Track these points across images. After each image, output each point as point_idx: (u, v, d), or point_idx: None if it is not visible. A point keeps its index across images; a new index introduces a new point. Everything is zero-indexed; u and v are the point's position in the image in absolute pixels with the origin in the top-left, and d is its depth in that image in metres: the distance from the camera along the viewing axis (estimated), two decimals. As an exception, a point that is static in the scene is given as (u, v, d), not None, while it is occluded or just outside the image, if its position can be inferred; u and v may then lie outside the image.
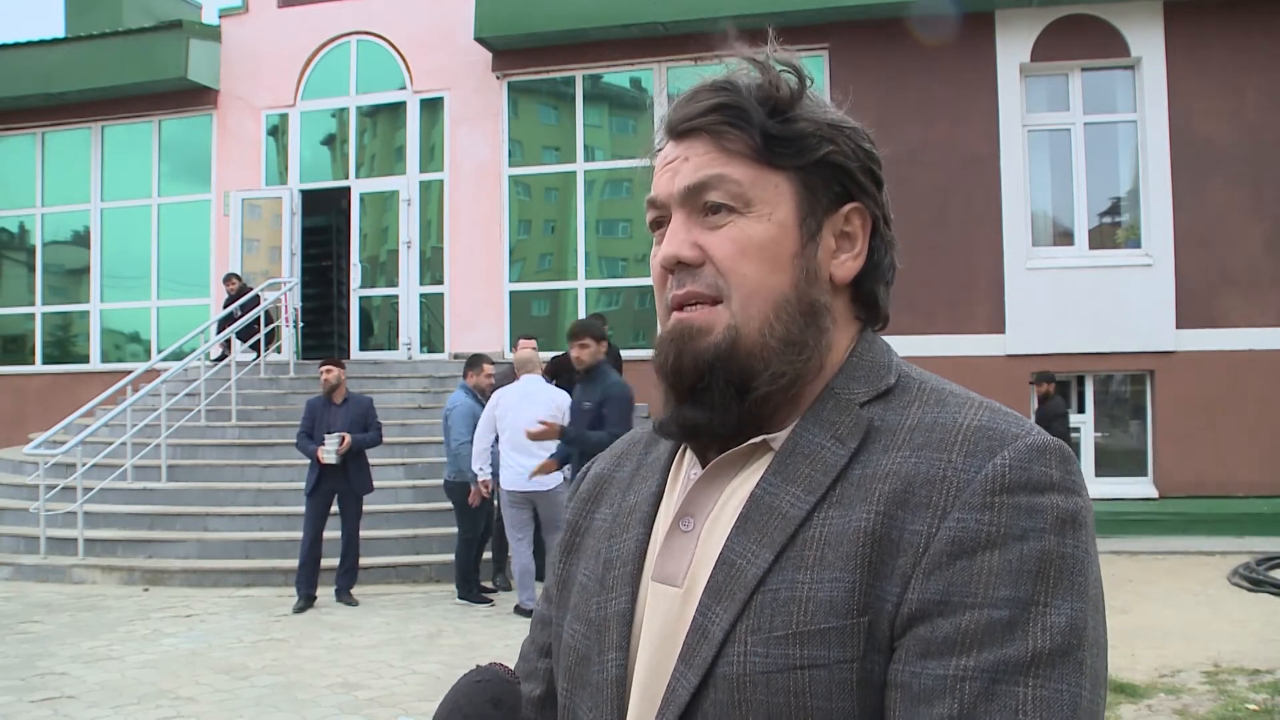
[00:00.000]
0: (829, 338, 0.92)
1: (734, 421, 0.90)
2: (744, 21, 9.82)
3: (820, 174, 0.92)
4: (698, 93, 0.94)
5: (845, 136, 0.93)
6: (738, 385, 0.89)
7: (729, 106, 0.91)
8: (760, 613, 0.83)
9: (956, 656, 0.76)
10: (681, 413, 0.92)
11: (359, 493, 7.67)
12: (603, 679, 0.92)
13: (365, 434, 7.64)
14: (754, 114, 0.91)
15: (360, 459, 7.63)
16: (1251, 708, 4.85)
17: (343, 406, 7.71)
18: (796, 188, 0.92)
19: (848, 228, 0.94)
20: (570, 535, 1.06)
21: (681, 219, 0.92)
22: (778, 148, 0.91)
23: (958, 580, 0.78)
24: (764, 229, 0.90)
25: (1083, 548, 0.79)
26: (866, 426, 0.87)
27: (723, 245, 0.90)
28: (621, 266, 12.04)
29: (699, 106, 0.92)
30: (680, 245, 0.91)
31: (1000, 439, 0.82)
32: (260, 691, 5.50)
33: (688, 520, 0.92)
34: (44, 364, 13.66)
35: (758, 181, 0.91)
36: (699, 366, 0.90)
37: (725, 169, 0.91)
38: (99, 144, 13.52)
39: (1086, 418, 10.59)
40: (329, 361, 7.92)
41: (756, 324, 0.90)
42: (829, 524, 0.83)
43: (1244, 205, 10.18)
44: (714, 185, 0.91)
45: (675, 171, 0.93)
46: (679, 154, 0.93)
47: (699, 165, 0.92)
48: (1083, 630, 0.77)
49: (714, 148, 0.91)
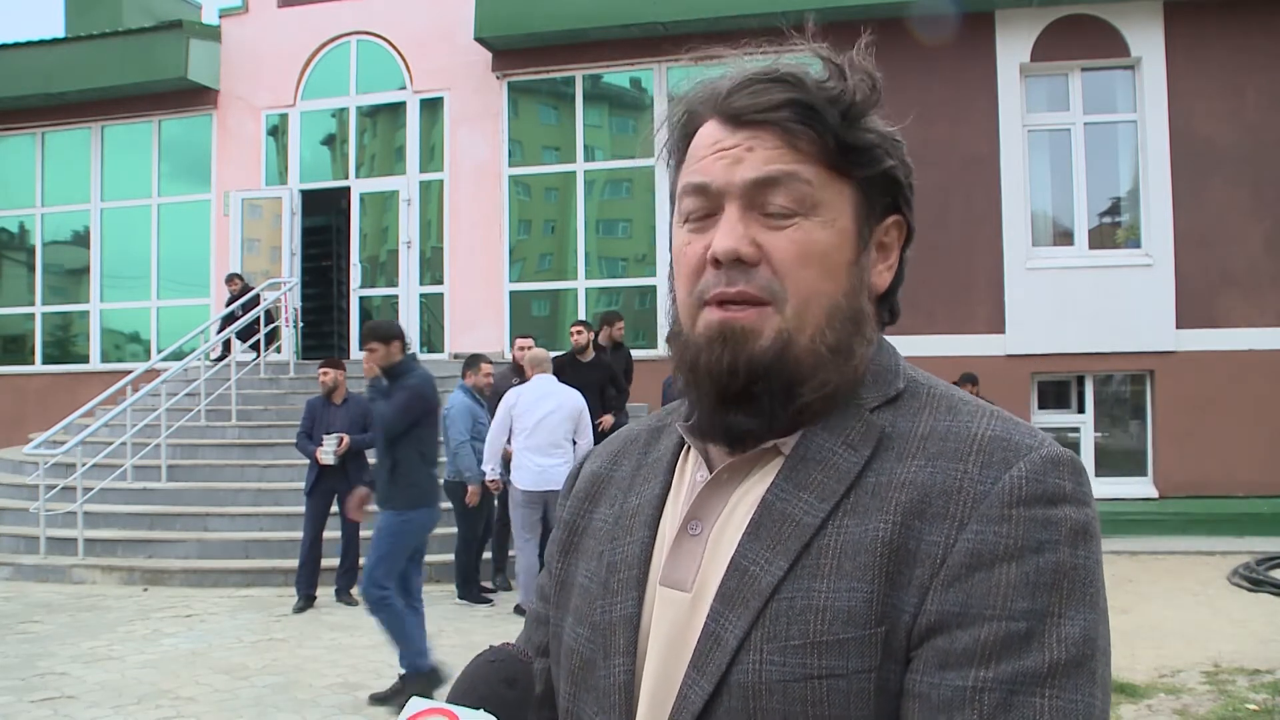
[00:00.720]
0: (872, 347, 0.92)
1: (780, 428, 0.89)
2: (744, 21, 9.87)
3: (879, 185, 0.92)
4: (759, 80, 0.89)
5: (899, 149, 0.93)
6: (786, 392, 0.87)
7: (803, 104, 0.88)
8: (776, 621, 0.82)
9: (975, 668, 0.77)
10: (727, 418, 0.89)
11: None
12: (610, 684, 0.91)
13: (364, 434, 7.61)
14: (828, 116, 0.88)
15: (360, 459, 7.61)
16: (1251, 708, 4.85)
17: (342, 407, 7.72)
18: (858, 196, 0.91)
19: (886, 238, 0.94)
20: (567, 535, 1.04)
21: (739, 213, 0.88)
22: (850, 155, 0.89)
23: (976, 592, 0.78)
24: (827, 235, 0.88)
25: (1093, 559, 0.80)
26: (879, 434, 0.87)
27: (785, 247, 0.87)
28: (621, 266, 12.03)
29: (772, 99, 0.88)
30: (740, 240, 0.87)
31: (1015, 450, 0.83)
32: (260, 691, 5.50)
33: (696, 524, 0.91)
34: (44, 364, 13.66)
35: (826, 186, 0.89)
36: (753, 371, 0.87)
37: (798, 167, 0.88)
38: (99, 144, 13.52)
39: (1086, 418, 10.59)
40: (328, 363, 7.95)
41: (810, 331, 0.88)
42: (845, 533, 0.83)
43: (1244, 205, 10.17)
44: (784, 183, 0.87)
45: (737, 160, 0.88)
46: (740, 141, 0.89)
47: (769, 159, 0.88)
48: (1095, 640, 0.79)
49: (785, 143, 0.88)
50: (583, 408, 7.05)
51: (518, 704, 0.88)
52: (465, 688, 0.88)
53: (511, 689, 0.88)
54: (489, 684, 0.88)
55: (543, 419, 6.87)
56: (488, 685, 0.88)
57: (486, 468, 7.30)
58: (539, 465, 6.83)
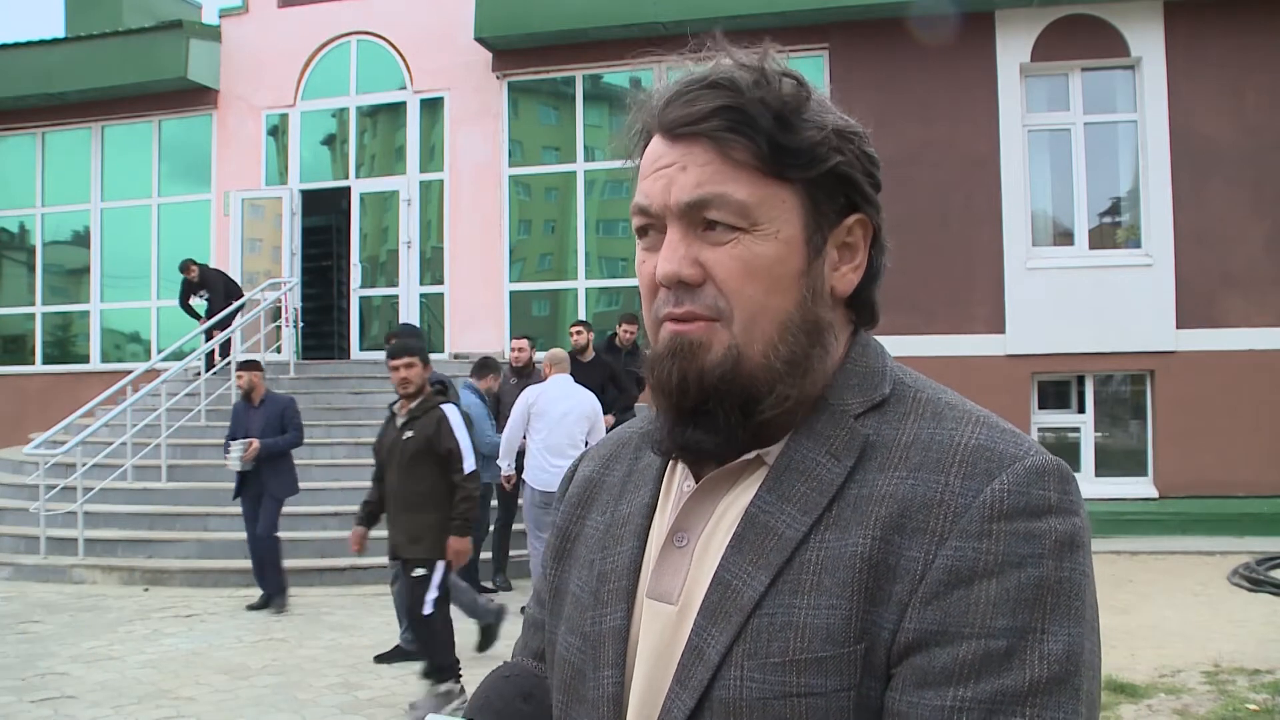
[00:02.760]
0: (833, 355, 0.90)
1: (739, 444, 0.87)
2: (744, 21, 9.89)
3: (826, 185, 0.87)
4: (693, 89, 0.87)
5: (851, 144, 0.88)
6: (742, 408, 0.86)
7: (733, 109, 0.84)
8: (757, 637, 0.81)
9: (954, 687, 0.76)
10: (684, 434, 0.88)
11: (276, 496, 7.54)
12: (599, 695, 0.90)
13: (281, 436, 7.54)
14: (760, 119, 0.84)
15: (278, 462, 7.54)
16: (1251, 708, 4.85)
17: (260, 408, 7.65)
18: (803, 201, 0.87)
19: (849, 239, 0.90)
20: (560, 540, 1.04)
21: (679, 233, 0.86)
22: (786, 159, 0.85)
23: (955, 610, 0.77)
24: (770, 248, 0.85)
25: (1080, 569, 0.79)
26: (863, 443, 0.85)
27: (726, 265, 0.85)
28: (621, 266, 12.03)
29: (700, 109, 0.85)
30: (680, 263, 0.85)
31: (998, 461, 0.81)
32: (260, 691, 5.50)
33: (681, 536, 0.90)
34: (44, 364, 13.66)
35: (764, 199, 0.85)
36: (703, 387, 0.86)
37: (729, 186, 0.84)
38: (99, 144, 13.52)
39: (1086, 418, 10.59)
40: (244, 365, 7.94)
41: (760, 346, 0.86)
42: (825, 547, 0.82)
43: (1244, 205, 10.17)
44: (717, 204, 0.84)
45: (671, 180, 0.86)
46: (675, 159, 0.86)
47: (700, 179, 0.85)
48: (1079, 656, 0.77)
49: (717, 157, 0.85)
50: (598, 409, 7.05)
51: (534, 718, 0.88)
52: (481, 703, 0.88)
53: (527, 703, 0.89)
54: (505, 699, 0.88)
55: (561, 418, 6.87)
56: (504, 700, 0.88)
57: (502, 464, 7.30)
58: (555, 465, 6.79)
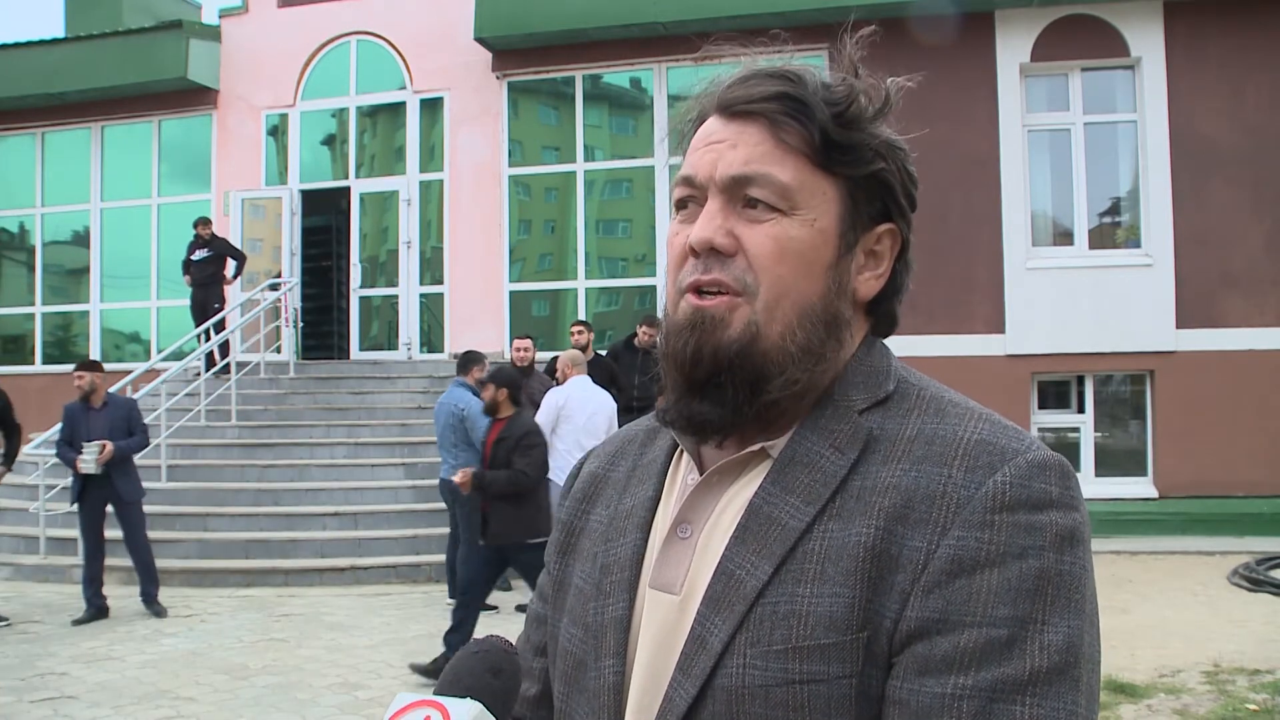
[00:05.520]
0: (846, 351, 0.91)
1: (744, 422, 0.89)
2: (744, 21, 9.88)
3: (866, 188, 0.91)
4: (757, 75, 0.90)
5: (897, 157, 0.92)
6: (751, 385, 0.87)
7: (792, 98, 0.88)
8: (759, 625, 0.82)
9: (955, 675, 0.77)
10: (691, 406, 0.90)
11: (129, 499, 7.34)
12: (600, 685, 0.91)
13: (129, 439, 7.29)
14: (817, 111, 0.88)
15: (125, 465, 7.28)
16: (1251, 708, 4.85)
17: (102, 411, 7.32)
18: (843, 197, 0.90)
19: (877, 247, 0.93)
20: (564, 535, 1.05)
21: (720, 205, 0.89)
22: (835, 152, 0.88)
23: (957, 599, 0.78)
24: (805, 234, 0.88)
25: (1080, 564, 0.80)
26: (866, 436, 0.87)
27: (761, 242, 0.88)
28: (621, 266, 12.03)
29: (761, 90, 0.89)
30: (715, 231, 0.88)
31: (1001, 454, 0.82)
32: (260, 691, 5.50)
33: (685, 527, 0.91)
34: (44, 364, 13.64)
35: (808, 185, 0.88)
36: (717, 361, 0.87)
37: (776, 168, 0.88)
38: (99, 144, 13.52)
39: (1086, 418, 10.59)
40: (82, 365, 7.54)
41: (779, 327, 0.88)
42: (829, 537, 0.83)
43: (1244, 205, 10.17)
44: (761, 183, 0.88)
45: (720, 155, 0.89)
46: (727, 136, 0.90)
47: (749, 156, 0.88)
48: (1079, 647, 0.78)
49: (769, 137, 0.88)
50: (614, 407, 7.19)
51: (504, 693, 0.90)
52: (451, 679, 0.90)
53: (497, 678, 0.90)
54: (475, 674, 0.89)
55: (590, 419, 6.96)
56: (473, 676, 0.89)
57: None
58: None
